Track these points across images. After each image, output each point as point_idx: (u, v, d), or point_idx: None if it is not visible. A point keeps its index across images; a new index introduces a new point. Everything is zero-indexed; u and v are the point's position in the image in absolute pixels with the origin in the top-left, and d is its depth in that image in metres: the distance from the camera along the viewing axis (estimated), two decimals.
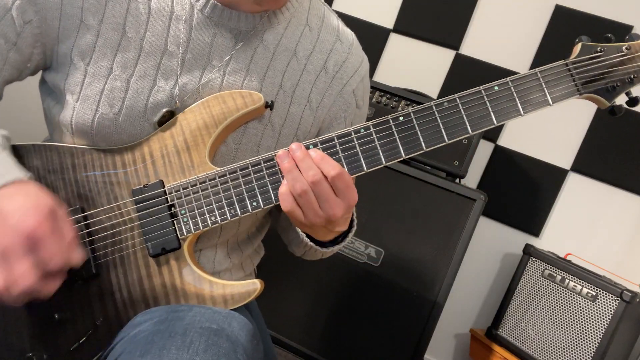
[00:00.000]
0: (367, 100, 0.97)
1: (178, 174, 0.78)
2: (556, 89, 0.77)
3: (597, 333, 1.52)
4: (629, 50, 0.78)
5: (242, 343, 0.66)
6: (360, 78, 0.92)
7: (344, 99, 0.91)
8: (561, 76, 0.77)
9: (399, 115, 0.76)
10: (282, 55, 0.85)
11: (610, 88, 0.78)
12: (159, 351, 0.61)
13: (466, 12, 2.06)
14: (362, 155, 0.76)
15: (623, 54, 0.78)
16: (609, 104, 0.79)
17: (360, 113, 0.95)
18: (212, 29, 0.80)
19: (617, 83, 0.78)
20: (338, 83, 0.90)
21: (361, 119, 0.97)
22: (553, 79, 0.77)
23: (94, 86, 0.77)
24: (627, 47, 0.78)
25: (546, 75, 0.77)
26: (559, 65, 0.78)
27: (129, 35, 0.78)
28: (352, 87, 0.91)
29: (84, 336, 0.75)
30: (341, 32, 0.92)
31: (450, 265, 1.65)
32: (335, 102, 0.90)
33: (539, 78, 0.77)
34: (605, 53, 0.78)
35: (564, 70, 0.77)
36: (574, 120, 1.91)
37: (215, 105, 0.79)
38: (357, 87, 0.92)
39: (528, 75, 0.77)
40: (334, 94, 0.90)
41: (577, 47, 0.79)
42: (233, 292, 0.77)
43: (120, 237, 0.77)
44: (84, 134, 0.79)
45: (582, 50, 0.78)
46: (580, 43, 0.79)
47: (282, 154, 0.73)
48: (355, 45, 0.93)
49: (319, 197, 0.70)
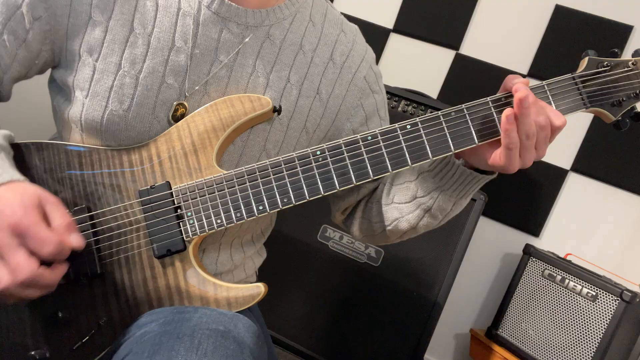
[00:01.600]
0: (382, 85, 0.97)
1: (185, 176, 0.78)
2: (563, 102, 0.77)
3: (597, 333, 1.52)
4: (635, 66, 0.79)
5: (249, 344, 0.66)
6: (368, 65, 0.93)
7: (357, 87, 0.91)
8: (568, 89, 0.78)
9: (406, 123, 0.77)
10: (289, 50, 0.86)
11: (616, 102, 0.79)
12: (167, 352, 0.61)
13: (466, 12, 2.06)
14: (368, 162, 0.77)
15: (629, 69, 0.79)
16: (615, 118, 0.80)
17: (380, 98, 0.96)
18: (219, 24, 0.81)
19: (622, 98, 0.79)
20: (347, 72, 0.90)
21: (383, 104, 0.97)
22: (560, 92, 0.77)
23: (103, 82, 0.78)
24: (633, 63, 0.79)
25: (553, 88, 0.77)
26: (566, 78, 0.78)
27: (137, 32, 0.78)
28: (363, 74, 0.92)
29: (87, 335, 0.75)
30: (344, 24, 0.94)
31: (450, 265, 1.65)
32: (348, 92, 0.91)
33: (545, 91, 0.77)
34: (612, 68, 0.78)
35: (571, 84, 0.78)
36: (574, 120, 1.91)
37: (223, 109, 0.79)
38: (368, 74, 0.93)
39: (535, 88, 0.76)
40: (345, 83, 0.90)
41: (584, 61, 0.79)
42: (237, 295, 0.77)
43: (126, 238, 0.77)
44: (94, 130, 0.79)
45: (589, 64, 0.79)
46: (587, 57, 0.79)
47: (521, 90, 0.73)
48: (359, 35, 0.95)
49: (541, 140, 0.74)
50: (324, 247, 1.76)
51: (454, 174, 0.81)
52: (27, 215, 0.63)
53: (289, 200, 0.77)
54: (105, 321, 0.76)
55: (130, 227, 0.77)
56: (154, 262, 0.77)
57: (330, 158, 0.77)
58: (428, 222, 0.88)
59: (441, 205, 0.85)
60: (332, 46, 0.90)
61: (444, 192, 0.83)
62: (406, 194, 0.88)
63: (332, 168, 0.77)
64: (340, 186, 0.77)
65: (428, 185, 0.85)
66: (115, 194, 0.77)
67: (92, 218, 0.76)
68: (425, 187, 0.85)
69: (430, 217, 0.87)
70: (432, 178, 0.84)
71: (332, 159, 0.77)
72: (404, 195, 0.89)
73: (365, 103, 0.93)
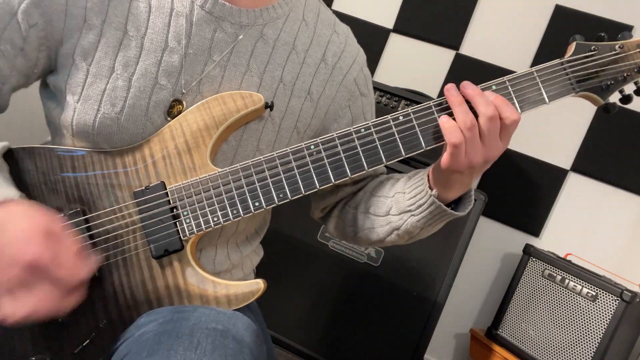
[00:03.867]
0: (371, 88, 0.97)
1: (179, 175, 0.78)
2: (552, 88, 0.78)
3: (597, 333, 1.52)
4: (622, 49, 0.79)
5: (248, 343, 0.66)
6: (359, 67, 0.93)
7: (347, 88, 0.91)
8: (557, 75, 0.78)
9: (398, 114, 0.77)
10: (282, 49, 0.86)
11: (604, 86, 0.79)
12: (166, 352, 0.61)
13: (466, 12, 2.06)
14: (362, 154, 0.77)
15: (616, 53, 0.79)
16: (603, 101, 0.80)
17: (367, 101, 0.96)
18: (213, 24, 0.81)
19: (610, 81, 0.79)
20: (338, 73, 0.90)
21: (370, 107, 0.97)
22: (549, 78, 0.78)
23: (95, 86, 0.77)
24: (620, 46, 0.79)
25: (542, 74, 0.78)
26: (555, 64, 0.79)
27: (130, 34, 0.77)
28: (353, 75, 0.92)
29: (87, 339, 0.75)
30: (337, 25, 0.93)
31: (450, 265, 1.65)
32: (338, 93, 0.91)
33: (535, 77, 0.78)
34: (599, 52, 0.79)
35: (560, 69, 0.78)
36: (574, 120, 1.92)
37: (215, 107, 0.79)
38: (358, 76, 0.93)
39: (525, 74, 0.77)
40: (335, 84, 0.90)
41: (571, 46, 0.80)
42: (237, 292, 0.77)
43: (123, 239, 0.76)
44: (85, 134, 0.78)
45: (577, 49, 0.80)
46: (574, 42, 0.80)
47: (450, 87, 0.75)
48: (351, 36, 0.95)
49: (488, 134, 0.72)
50: (324, 247, 1.76)
51: (425, 202, 0.81)
52: (42, 254, 0.62)
53: (284, 195, 0.77)
54: (106, 324, 0.76)
55: (127, 228, 0.76)
56: (152, 263, 0.77)
57: (324, 152, 0.77)
58: (394, 239, 0.89)
59: (408, 229, 0.85)
60: (324, 46, 0.89)
61: (414, 217, 0.83)
62: (382, 208, 0.89)
63: (327, 162, 0.77)
64: (335, 179, 0.77)
65: (401, 206, 0.85)
66: (110, 196, 0.77)
67: (88, 221, 0.76)
68: (398, 207, 0.86)
69: (397, 236, 0.88)
70: (406, 200, 0.84)
71: (326, 153, 0.77)
72: (379, 209, 0.89)
73: (353, 105, 0.93)
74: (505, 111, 0.73)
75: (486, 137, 0.73)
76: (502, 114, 0.73)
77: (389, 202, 0.88)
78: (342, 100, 0.92)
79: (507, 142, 0.76)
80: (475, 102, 0.73)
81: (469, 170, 0.75)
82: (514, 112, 0.73)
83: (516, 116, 0.73)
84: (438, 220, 0.83)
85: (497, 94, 0.75)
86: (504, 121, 0.73)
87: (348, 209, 0.97)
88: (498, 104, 0.73)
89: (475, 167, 0.75)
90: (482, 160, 0.74)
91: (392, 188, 0.89)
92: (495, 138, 0.73)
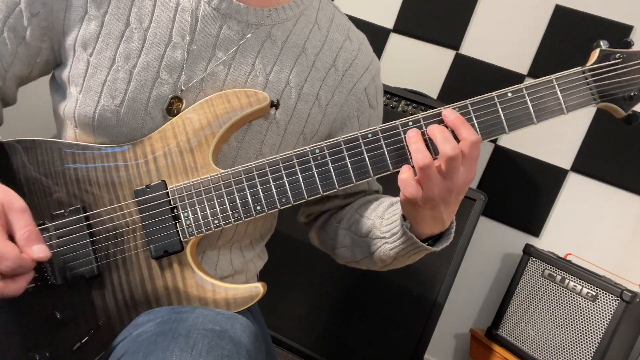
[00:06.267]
0: (380, 100, 0.95)
1: (181, 175, 0.77)
2: (571, 98, 0.73)
3: (597, 333, 1.52)
4: None
5: (245, 345, 0.65)
6: (371, 76, 0.91)
7: (356, 97, 0.89)
8: (577, 84, 0.73)
9: (407, 120, 0.74)
10: (290, 52, 0.84)
11: (627, 97, 0.74)
12: (162, 352, 0.61)
13: (466, 12, 2.05)
14: (369, 160, 0.75)
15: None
16: (625, 113, 0.75)
17: (375, 114, 0.94)
18: (219, 21, 0.80)
19: (634, 92, 0.74)
20: (348, 81, 0.88)
21: (377, 121, 0.94)
22: (568, 87, 0.73)
23: (96, 77, 0.77)
24: None
25: (562, 83, 0.73)
26: (576, 72, 0.74)
27: (133, 26, 0.77)
28: (364, 85, 0.90)
29: (86, 336, 0.75)
30: (351, 31, 0.91)
31: (450, 265, 1.65)
32: (347, 101, 0.89)
33: (554, 85, 0.73)
34: (624, 60, 0.73)
35: (581, 78, 0.73)
36: (574, 120, 1.91)
37: (219, 104, 0.78)
38: (369, 85, 0.91)
39: (543, 82, 0.73)
40: (344, 92, 0.88)
41: (594, 52, 0.75)
42: (236, 296, 0.77)
43: (123, 239, 0.76)
44: (86, 126, 0.78)
45: (600, 56, 0.74)
46: (598, 49, 0.74)
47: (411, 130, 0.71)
48: (365, 44, 0.92)
49: (447, 171, 0.67)
50: None
51: (397, 231, 0.78)
52: None
53: (287, 200, 0.75)
54: (104, 322, 0.76)
55: (127, 227, 0.76)
56: (152, 263, 0.76)
57: (329, 157, 0.75)
58: (369, 263, 0.87)
59: (381, 256, 0.83)
60: (336, 52, 0.87)
61: (387, 244, 0.81)
62: (362, 228, 0.87)
63: (332, 167, 0.75)
64: (339, 185, 0.75)
65: (376, 232, 0.83)
66: (110, 193, 0.76)
67: (88, 219, 0.76)
68: (376, 231, 0.84)
69: (371, 260, 0.86)
70: (383, 227, 0.82)
71: (331, 158, 0.75)
72: (360, 229, 0.87)
73: (362, 117, 0.91)
74: (464, 132, 0.68)
75: (447, 173, 0.68)
76: (460, 135, 0.69)
77: (369, 224, 0.85)
78: (351, 110, 0.90)
79: (473, 172, 0.70)
80: (438, 140, 0.69)
81: (430, 204, 0.70)
82: (472, 133, 0.68)
83: (474, 137, 0.68)
84: (412, 252, 0.80)
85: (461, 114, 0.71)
86: (463, 149, 0.68)
87: (332, 221, 0.95)
88: (456, 125, 0.69)
89: (438, 201, 0.70)
90: (444, 194, 0.69)
91: (374, 210, 0.87)
92: (456, 173, 0.68)
